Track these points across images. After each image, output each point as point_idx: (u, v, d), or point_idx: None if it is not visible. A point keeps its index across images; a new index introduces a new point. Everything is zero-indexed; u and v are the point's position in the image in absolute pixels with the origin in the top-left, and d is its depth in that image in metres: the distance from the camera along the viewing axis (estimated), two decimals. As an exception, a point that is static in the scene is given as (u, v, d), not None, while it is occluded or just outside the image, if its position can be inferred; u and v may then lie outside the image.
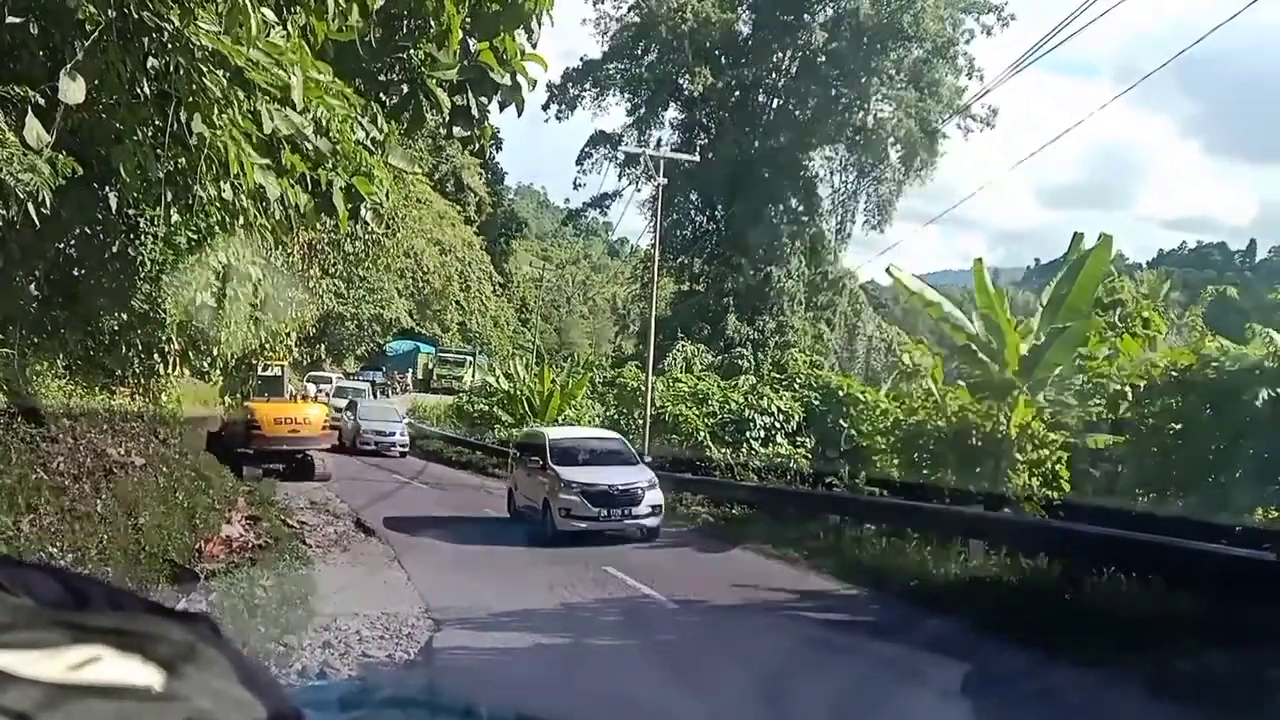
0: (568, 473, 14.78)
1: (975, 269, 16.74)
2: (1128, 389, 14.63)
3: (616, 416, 31.05)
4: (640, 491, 14.65)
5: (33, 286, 9.41)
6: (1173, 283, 31.30)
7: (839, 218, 50.69)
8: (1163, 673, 6.80)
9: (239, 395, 19.28)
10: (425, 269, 34.50)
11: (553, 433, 17.46)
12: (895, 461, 18.24)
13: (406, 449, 30.66)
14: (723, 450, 23.01)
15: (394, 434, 30.38)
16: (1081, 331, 15.49)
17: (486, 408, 35.72)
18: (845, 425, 22.95)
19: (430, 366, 56.18)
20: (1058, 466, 15.02)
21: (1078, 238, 16.68)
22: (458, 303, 39.89)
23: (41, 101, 5.39)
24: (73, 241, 8.84)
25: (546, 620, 9.42)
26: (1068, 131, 23.04)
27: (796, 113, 47.52)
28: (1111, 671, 7.08)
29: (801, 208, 48.04)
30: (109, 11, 5.16)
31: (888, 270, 18.77)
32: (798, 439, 23.71)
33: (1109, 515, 12.17)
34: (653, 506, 14.70)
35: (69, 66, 5.22)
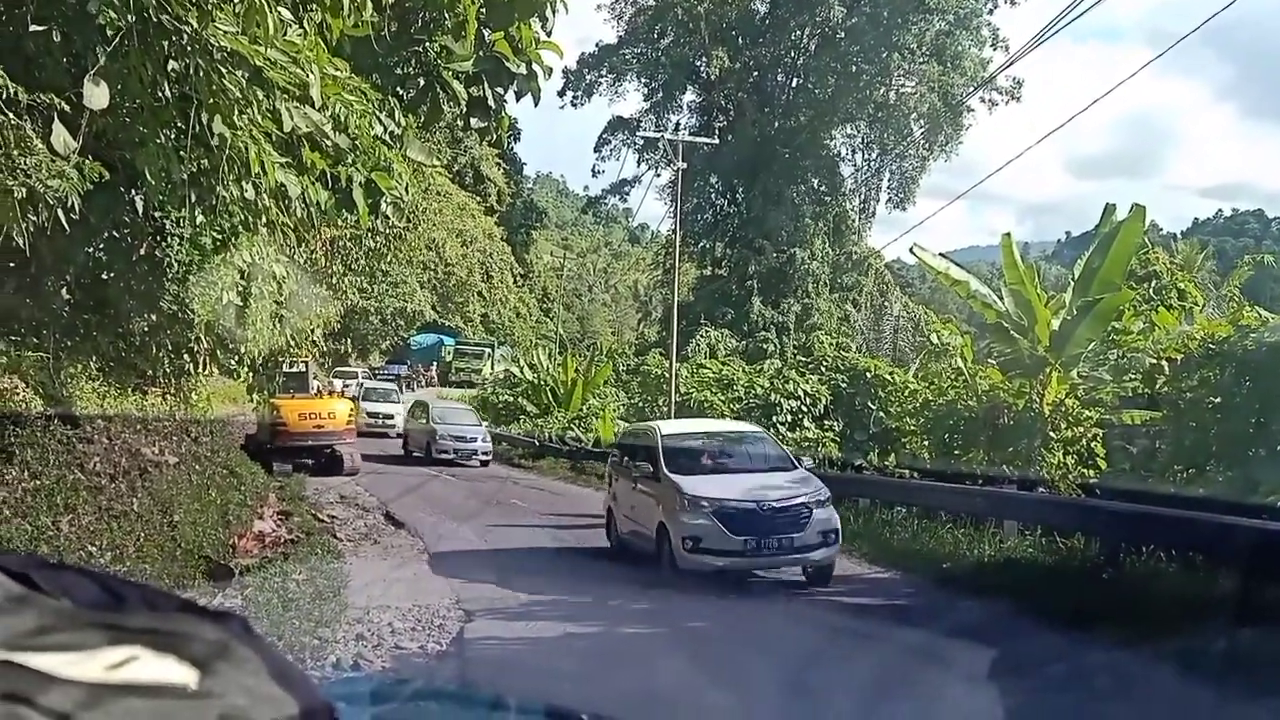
0: (692, 484, 10.47)
1: (1003, 244, 16.58)
2: (1164, 363, 14.45)
3: (640, 404, 31.13)
4: (805, 510, 10.17)
5: (64, 291, 9.58)
6: (1208, 252, 30.84)
7: (862, 196, 50.41)
8: (1203, 652, 6.71)
9: (266, 392, 19.56)
10: (448, 261, 34.62)
11: (667, 427, 12.93)
12: (925, 443, 18.15)
13: (489, 457, 26.01)
14: (750, 435, 22.95)
15: (475, 439, 25.81)
16: (1115, 305, 15.30)
17: (511, 399, 35.91)
18: (874, 407, 22.82)
19: (448, 359, 55.32)
20: (1093, 444, 14.86)
21: (1109, 209, 16.43)
22: (480, 294, 40.03)
23: (67, 108, 5.46)
24: (101, 245, 8.97)
25: (575, 609, 9.47)
26: (1097, 101, 22.69)
27: (816, 91, 47.18)
28: (1152, 652, 7.00)
29: (824, 187, 47.76)
30: (129, 16, 5.20)
31: (912, 250, 18.64)
32: (825, 423, 23.61)
33: (1146, 492, 12.04)
34: (824, 533, 10.19)
35: (92, 72, 5.26)
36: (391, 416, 31.23)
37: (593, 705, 3.96)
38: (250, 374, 15.92)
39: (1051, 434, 15.19)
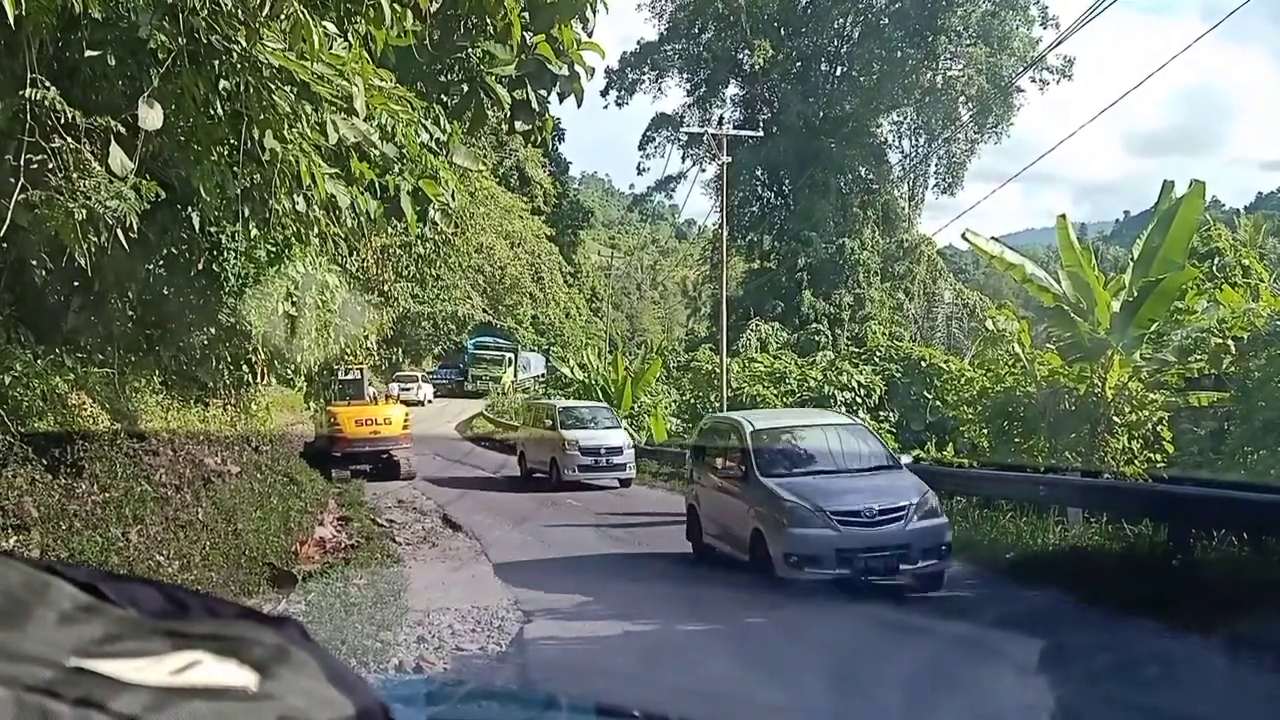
0: None
1: (1059, 226, 16.25)
2: (1230, 342, 14.02)
3: (693, 400, 31.11)
4: None
5: (126, 308, 9.87)
6: (1271, 226, 29.79)
7: (910, 183, 49.80)
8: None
9: (322, 400, 19.95)
10: (498, 263, 34.96)
11: None
12: (984, 431, 17.82)
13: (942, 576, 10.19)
14: (803, 429, 22.76)
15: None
16: (1177, 284, 14.89)
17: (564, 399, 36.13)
18: (929, 397, 22.52)
19: (465, 364, 51.20)
20: (1159, 427, 14.47)
21: (1168, 186, 15.99)
22: (530, 295, 40.33)
23: (123, 130, 5.62)
24: (160, 262, 9.22)
25: (634, 607, 9.46)
26: (1150, 76, 22.04)
27: (861, 78, 46.68)
28: (1227, 639, 6.80)
29: (871, 176, 47.25)
30: (180, 39, 5.34)
31: (964, 235, 18.32)
32: (880, 413, 23.35)
33: (1216, 475, 11.69)
34: None
35: (146, 94, 5.42)
36: (619, 450, 19.48)
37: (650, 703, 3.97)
38: (306, 383, 16.24)
39: (1115, 418, 14.82)
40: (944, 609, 9.18)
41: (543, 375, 49.77)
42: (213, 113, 5.92)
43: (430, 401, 44.65)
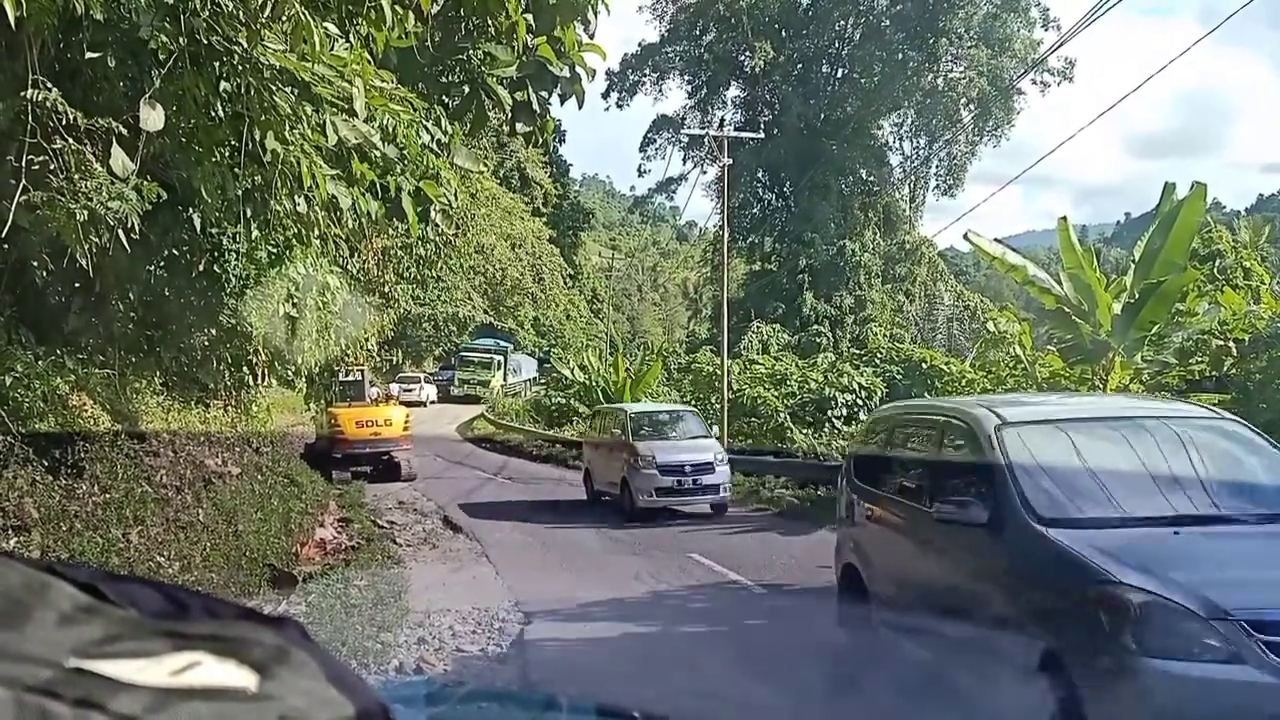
0: None
1: (1060, 228, 16.22)
2: (1231, 344, 14.01)
3: (693, 402, 31.09)
4: None
5: (128, 309, 9.88)
6: (1272, 228, 29.73)
7: (911, 185, 49.84)
8: None
9: (323, 401, 19.97)
10: (500, 264, 34.99)
11: None
12: (984, 433, 17.79)
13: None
14: (804, 431, 22.82)
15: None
16: (1178, 286, 14.86)
17: (563, 400, 36.12)
18: (930, 399, 22.52)
19: (453, 368, 50.28)
20: (1160, 430, 14.46)
21: (1169, 188, 15.96)
22: (531, 297, 40.37)
23: (124, 131, 5.62)
24: (161, 264, 9.23)
25: (634, 609, 9.47)
26: (1150, 79, 21.97)
27: (862, 80, 46.71)
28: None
29: (872, 178, 47.29)
30: (181, 39, 5.35)
31: (966, 236, 18.28)
32: (880, 415, 23.31)
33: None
34: None
35: (148, 95, 5.42)
36: (709, 467, 15.55)
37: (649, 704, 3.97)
38: (307, 384, 16.25)
39: (1116, 420, 14.81)
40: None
41: (536, 378, 49.75)
42: (214, 114, 5.92)
43: (432, 402, 44.69)
